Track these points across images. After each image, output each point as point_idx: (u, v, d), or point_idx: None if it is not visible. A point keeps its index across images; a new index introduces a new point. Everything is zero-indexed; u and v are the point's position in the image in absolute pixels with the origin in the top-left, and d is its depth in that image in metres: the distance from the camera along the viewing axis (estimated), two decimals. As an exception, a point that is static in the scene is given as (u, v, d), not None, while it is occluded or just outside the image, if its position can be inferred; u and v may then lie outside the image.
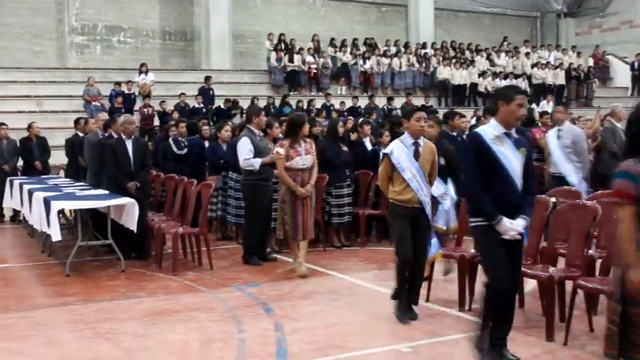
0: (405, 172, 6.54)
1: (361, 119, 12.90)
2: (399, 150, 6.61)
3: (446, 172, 7.52)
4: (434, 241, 7.13)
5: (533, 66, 27.16)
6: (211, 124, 16.02)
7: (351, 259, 9.75)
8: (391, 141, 7.31)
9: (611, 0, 32.34)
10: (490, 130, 5.17)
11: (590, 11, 33.34)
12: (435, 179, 6.89)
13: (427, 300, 7.14)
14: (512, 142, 5.12)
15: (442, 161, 7.29)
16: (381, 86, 25.04)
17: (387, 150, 6.74)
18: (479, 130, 5.29)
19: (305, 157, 8.55)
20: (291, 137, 8.61)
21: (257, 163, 9.10)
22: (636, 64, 28.47)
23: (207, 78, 21.53)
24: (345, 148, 10.58)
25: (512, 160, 5.09)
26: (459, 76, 25.20)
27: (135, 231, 8.99)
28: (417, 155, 6.61)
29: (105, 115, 12.86)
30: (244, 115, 14.88)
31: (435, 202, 7.27)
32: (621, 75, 29.57)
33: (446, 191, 7.64)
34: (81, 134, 13.22)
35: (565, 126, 10.21)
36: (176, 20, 25.74)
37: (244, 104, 19.59)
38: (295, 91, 23.48)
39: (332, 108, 21.58)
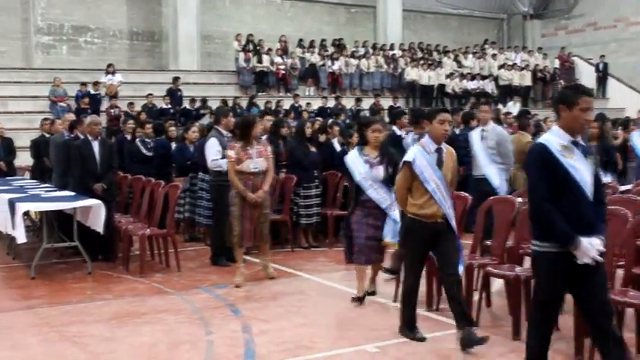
0: (428, 182, 5.84)
1: (330, 120, 12.92)
2: (421, 157, 5.88)
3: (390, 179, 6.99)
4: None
5: (500, 67, 27.37)
6: (179, 125, 15.94)
7: (320, 259, 9.76)
8: (360, 142, 7.21)
9: (576, 2, 32.69)
10: (555, 139, 4.46)
11: (555, 13, 33.68)
12: (454, 188, 6.32)
13: (395, 300, 7.16)
14: (581, 151, 4.46)
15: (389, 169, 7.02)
16: (350, 87, 25.07)
17: (407, 157, 5.95)
18: (543, 140, 4.52)
19: (257, 160, 8.15)
20: (242, 139, 8.21)
21: (225, 163, 9.05)
22: (601, 66, 28.83)
23: (175, 79, 21.42)
24: (313, 149, 10.59)
25: (584, 172, 4.42)
26: (427, 77, 25.32)
27: (101, 233, 8.92)
28: (440, 163, 5.92)
29: (71, 116, 12.75)
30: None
31: (384, 213, 7.04)
32: (586, 76, 29.84)
33: (392, 201, 6.99)
34: (47, 135, 13.09)
35: (489, 126, 9.73)
36: (144, 21, 25.56)
37: (213, 105, 19.52)
38: (263, 92, 23.43)
39: (300, 109, 21.57)
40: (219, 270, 9.03)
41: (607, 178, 9.49)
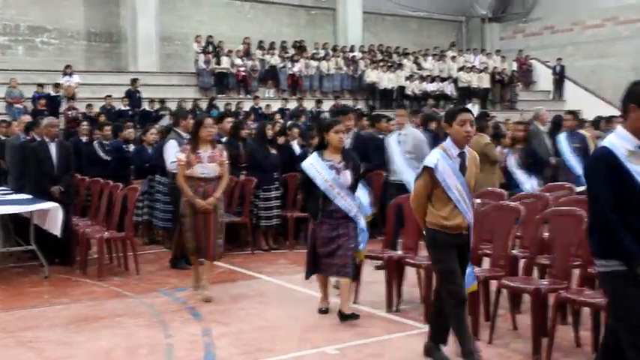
0: (451, 190, 5.21)
1: (289, 122, 12.92)
2: (443, 162, 5.21)
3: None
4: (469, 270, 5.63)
5: (459, 69, 27.60)
6: (138, 127, 15.82)
7: (280, 261, 9.75)
8: (319, 144, 6.72)
9: (533, 6, 33.12)
10: (621, 143, 3.96)
11: (513, 16, 34.08)
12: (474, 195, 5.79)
13: (355, 302, 7.17)
14: None
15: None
16: (310, 89, 25.08)
17: (428, 162, 5.25)
18: (608, 144, 3.99)
19: (207, 164, 7.49)
20: (193, 141, 7.64)
21: (184, 166, 9.00)
22: (558, 69, 29.24)
23: (134, 80, 21.25)
24: (273, 151, 10.57)
25: None
26: (387, 79, 25.44)
27: (59, 236, 8.80)
28: (463, 169, 5.29)
29: (28, 118, 12.58)
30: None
31: (352, 221, 6.65)
32: (543, 79, 30.31)
33: (358, 209, 6.78)
34: (2, 137, 12.89)
35: (406, 130, 9.46)
36: (101, 21, 25.33)
37: (172, 107, 19.41)
38: (223, 93, 23.35)
39: (260, 110, 21.55)
40: (178, 273, 8.97)
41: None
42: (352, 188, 6.64)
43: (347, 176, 6.57)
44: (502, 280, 5.99)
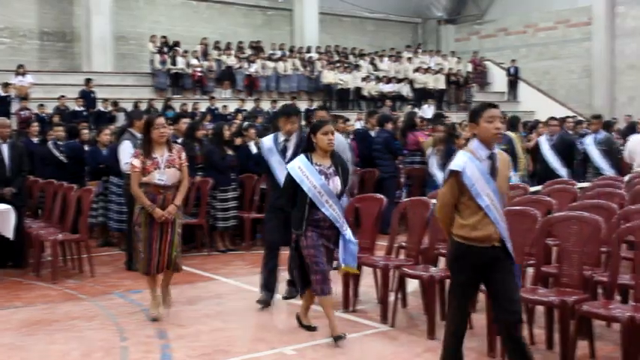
0: (480, 197, 4.62)
1: (246, 123, 12.89)
2: (471, 166, 4.63)
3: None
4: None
5: (415, 71, 27.78)
6: (93, 127, 15.63)
7: (237, 263, 9.72)
8: (307, 147, 6.15)
9: (487, 8, 33.50)
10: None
11: (468, 18, 34.43)
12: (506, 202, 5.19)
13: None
14: None
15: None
16: (266, 90, 25.04)
17: (455, 166, 4.65)
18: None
19: (165, 170, 6.71)
20: (145, 144, 6.76)
21: (139, 167, 8.91)
22: (512, 70, 29.60)
23: (88, 80, 21.01)
24: (230, 152, 10.53)
25: None
26: (343, 80, 25.51)
27: (11, 239, 8.66)
28: (493, 172, 4.69)
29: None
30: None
31: (337, 233, 6.12)
32: (498, 80, 30.66)
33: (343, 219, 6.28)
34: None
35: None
36: (55, 20, 25.01)
37: (127, 107, 19.21)
38: (179, 94, 23.20)
39: (217, 111, 21.46)
40: (133, 275, 8.86)
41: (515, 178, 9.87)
42: (340, 196, 6.12)
43: (336, 183, 6.01)
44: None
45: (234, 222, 10.49)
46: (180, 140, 11.01)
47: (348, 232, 6.09)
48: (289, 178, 6.05)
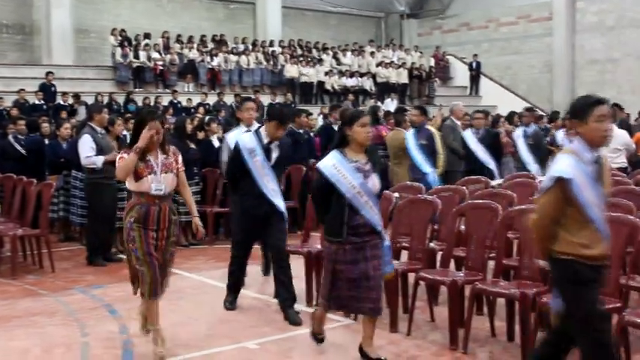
0: (590, 208, 4.01)
1: (208, 117, 12.83)
2: (579, 173, 4.00)
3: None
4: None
5: (377, 65, 27.86)
6: (53, 121, 15.44)
7: (199, 257, 9.68)
8: (339, 141, 5.29)
9: (450, 3, 33.68)
10: None
11: (431, 13, 34.59)
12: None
13: (275, 296, 7.16)
14: None
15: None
16: (229, 83, 24.93)
17: (562, 173, 4.01)
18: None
19: (162, 177, 5.61)
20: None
21: (99, 160, 8.85)
22: (474, 65, 29.81)
23: (48, 73, 20.74)
24: (192, 146, 10.48)
25: None
26: (306, 74, 25.50)
27: (-31, 234, 8.54)
28: (599, 178, 4.12)
29: None
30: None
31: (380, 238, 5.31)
32: (460, 75, 30.86)
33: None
34: None
35: (254, 127, 8.25)
36: (14, 12, 24.62)
37: (88, 101, 19.01)
38: (141, 87, 23.01)
39: (179, 105, 21.33)
40: (95, 270, 8.82)
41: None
42: (379, 196, 5.37)
43: (375, 181, 5.21)
44: (420, 273, 6.08)
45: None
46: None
47: (387, 237, 5.38)
48: (321, 179, 5.19)
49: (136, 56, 23.08)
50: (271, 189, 6.53)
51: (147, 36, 24.16)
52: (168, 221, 5.66)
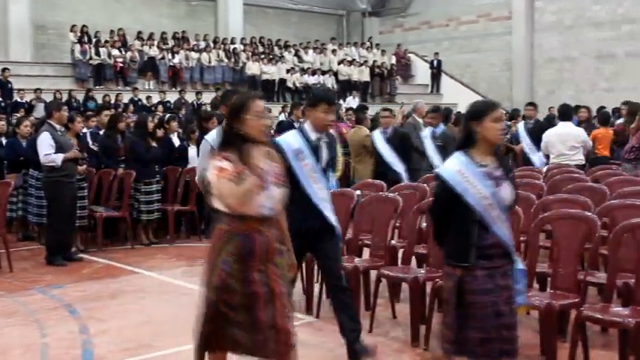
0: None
1: (168, 115, 12.77)
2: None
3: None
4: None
5: (339, 63, 27.90)
6: (10, 119, 15.22)
7: (160, 256, 9.61)
8: (464, 140, 4.30)
9: (411, 1, 33.83)
10: None
11: (392, 11, 34.71)
12: None
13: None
14: None
15: None
16: (190, 81, 24.80)
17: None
18: None
19: (273, 191, 4.04)
20: (236, 142, 3.99)
21: (59, 158, 8.74)
22: (435, 63, 29.98)
23: (4, 70, 20.44)
24: (154, 144, 10.40)
25: None
26: (268, 72, 25.47)
27: None
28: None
29: None
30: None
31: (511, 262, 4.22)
32: (421, 73, 31.02)
33: None
34: None
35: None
36: (-31, 8, 24.20)
37: (47, 98, 18.76)
38: (101, 85, 22.79)
39: (140, 102, 21.17)
40: (54, 270, 8.70)
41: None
42: (511, 207, 4.34)
43: (507, 190, 4.15)
44: (381, 270, 6.11)
45: (158, 215, 10.36)
46: (102, 132, 10.88)
47: (518, 259, 4.30)
48: (443, 188, 4.14)
49: (97, 53, 22.85)
50: (321, 198, 5.21)
51: (109, 33, 23.92)
52: (276, 253, 4.11)
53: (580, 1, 27.84)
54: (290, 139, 5.20)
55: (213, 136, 6.03)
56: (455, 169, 4.09)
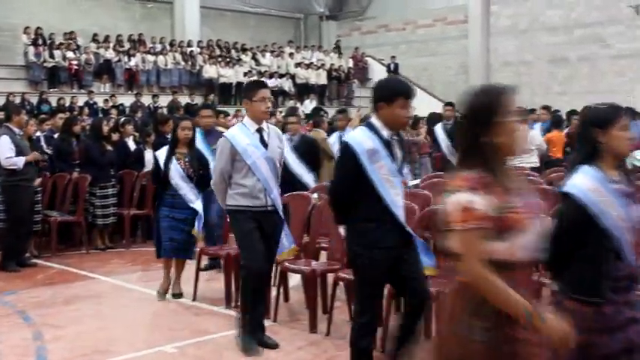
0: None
1: (123, 118, 12.65)
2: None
3: None
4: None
5: (297, 66, 27.92)
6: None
7: (116, 260, 9.52)
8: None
9: (368, 5, 33.98)
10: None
11: (349, 14, 34.83)
12: None
13: (194, 299, 7.11)
14: None
15: None
16: (147, 84, 24.60)
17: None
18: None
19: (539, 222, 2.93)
20: (490, 162, 2.82)
21: (20, 161, 8.63)
22: (392, 66, 30.14)
23: (-45, 72, 20.11)
24: (109, 148, 10.30)
25: None
26: (225, 75, 25.38)
27: None
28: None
29: None
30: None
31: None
32: (379, 76, 31.03)
33: None
34: None
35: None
36: None
37: (-1, 101, 18.49)
38: (55, 88, 22.49)
39: (96, 106, 20.95)
40: (7, 276, 8.56)
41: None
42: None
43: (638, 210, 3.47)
44: (339, 273, 6.12)
45: (114, 219, 10.26)
46: (56, 136, 10.74)
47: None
48: (577, 210, 3.35)
49: (51, 55, 22.56)
50: (400, 206, 4.50)
51: (63, 35, 23.63)
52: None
53: (534, 6, 28.22)
54: (361, 138, 4.45)
55: (234, 133, 5.76)
56: (590, 186, 3.36)
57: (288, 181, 8.61)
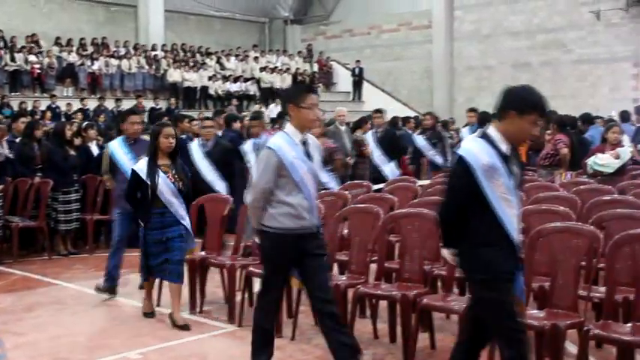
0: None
1: (86, 122, 12.53)
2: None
3: None
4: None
5: (261, 70, 27.88)
6: None
7: (79, 266, 9.41)
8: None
9: (333, 9, 34.08)
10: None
11: (314, 19, 34.90)
12: None
13: (158, 305, 7.05)
14: None
15: None
16: (110, 88, 24.39)
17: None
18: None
19: None
20: None
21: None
22: (357, 71, 30.23)
23: None
24: (72, 152, 10.19)
25: None
26: (190, 79, 25.27)
27: None
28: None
29: None
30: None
31: None
32: (343, 80, 31.23)
33: None
34: None
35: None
36: None
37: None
38: (17, 91, 22.20)
39: (58, 110, 20.72)
40: (-32, 282, 8.45)
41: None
42: None
43: None
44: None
45: (77, 224, 10.15)
46: (18, 140, 10.61)
47: None
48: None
49: (12, 59, 22.26)
50: (517, 229, 4.07)
51: (25, 38, 23.35)
52: None
53: (497, 12, 28.51)
54: (477, 151, 3.95)
55: (280, 144, 4.90)
56: None
57: (202, 188, 8.49)
